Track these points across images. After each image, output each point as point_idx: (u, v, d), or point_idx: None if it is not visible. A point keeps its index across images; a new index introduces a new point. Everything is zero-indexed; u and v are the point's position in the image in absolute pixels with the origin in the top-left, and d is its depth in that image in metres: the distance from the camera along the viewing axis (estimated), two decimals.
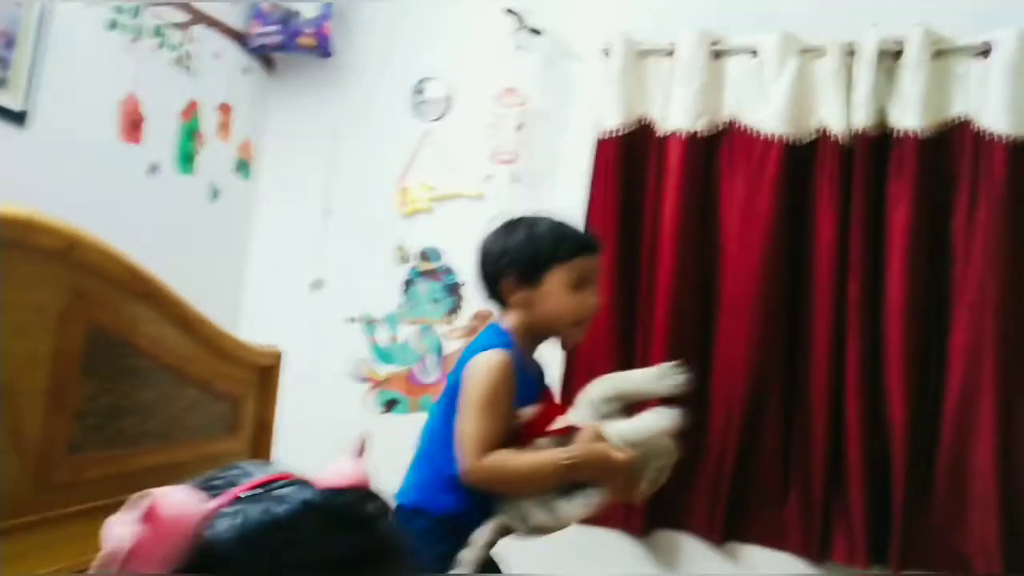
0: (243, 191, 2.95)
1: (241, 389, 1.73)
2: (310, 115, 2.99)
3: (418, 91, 2.88)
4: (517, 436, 1.43)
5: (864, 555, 2.23)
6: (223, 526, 0.56)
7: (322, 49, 2.85)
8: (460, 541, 1.42)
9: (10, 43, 2.04)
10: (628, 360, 2.42)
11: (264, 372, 1.81)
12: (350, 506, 0.60)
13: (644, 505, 2.35)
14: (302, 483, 0.60)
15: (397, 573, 0.60)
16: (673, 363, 1.47)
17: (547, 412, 1.47)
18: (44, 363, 1.19)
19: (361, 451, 0.69)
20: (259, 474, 0.61)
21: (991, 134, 2.21)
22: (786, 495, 2.35)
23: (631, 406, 1.49)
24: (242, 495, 0.58)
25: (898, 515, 2.19)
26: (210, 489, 0.59)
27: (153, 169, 2.52)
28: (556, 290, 1.49)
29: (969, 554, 2.16)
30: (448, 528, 1.43)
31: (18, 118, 2.07)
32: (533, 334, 1.53)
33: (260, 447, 1.83)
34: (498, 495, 1.44)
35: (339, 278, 2.89)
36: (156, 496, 0.55)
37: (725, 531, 2.38)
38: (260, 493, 0.58)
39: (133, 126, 2.43)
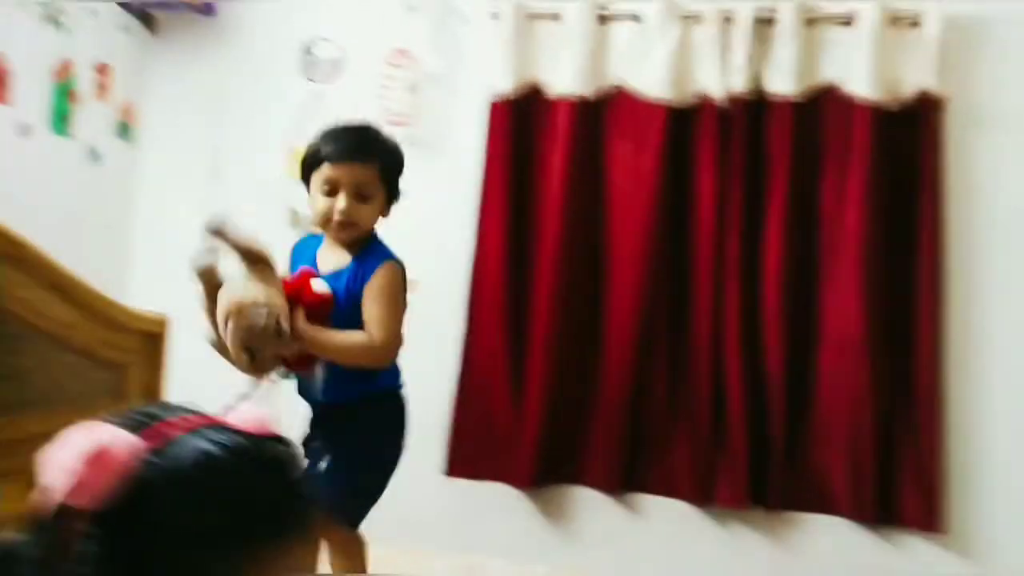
0: (126, 154, 2.85)
1: (126, 356, 1.70)
2: (195, 76, 2.89)
3: (308, 52, 2.83)
4: None
5: (746, 498, 2.37)
6: (155, 466, 0.58)
7: (205, 7, 2.76)
8: None
9: None
10: (518, 319, 2.49)
11: (151, 339, 1.78)
12: (272, 451, 0.63)
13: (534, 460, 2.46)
14: (223, 427, 0.62)
15: (306, 514, 0.64)
16: None
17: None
18: None
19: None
20: (175, 414, 0.62)
21: (856, 99, 2.35)
22: (674, 445, 2.46)
23: None
24: (171, 436, 0.60)
25: (777, 461, 2.34)
26: (134, 428, 0.60)
27: (24, 130, 2.41)
28: (312, 193, 1.70)
29: (837, 495, 2.33)
30: None
31: None
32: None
33: None
34: None
35: None
36: (93, 431, 0.57)
37: (622, 482, 2.47)
38: (186, 436, 0.60)
39: None
